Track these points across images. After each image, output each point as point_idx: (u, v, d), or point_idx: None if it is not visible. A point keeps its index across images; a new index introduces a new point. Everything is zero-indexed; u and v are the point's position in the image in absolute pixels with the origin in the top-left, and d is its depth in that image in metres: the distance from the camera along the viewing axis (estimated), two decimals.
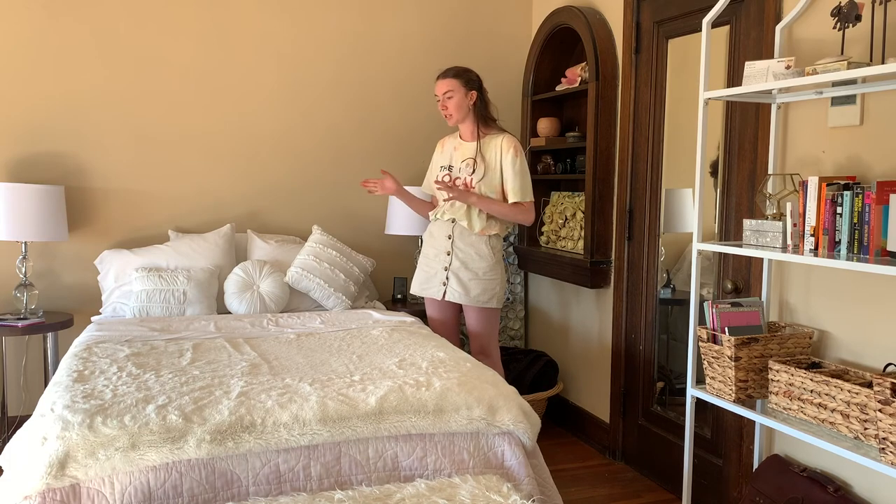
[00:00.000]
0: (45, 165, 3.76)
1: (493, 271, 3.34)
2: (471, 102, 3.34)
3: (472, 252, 3.33)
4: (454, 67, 3.38)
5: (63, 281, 3.82)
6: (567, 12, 3.93)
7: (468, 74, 3.36)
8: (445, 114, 3.37)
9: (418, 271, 3.51)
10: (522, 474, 2.37)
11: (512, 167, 3.28)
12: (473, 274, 3.32)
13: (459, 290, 3.34)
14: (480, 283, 3.33)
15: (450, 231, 3.37)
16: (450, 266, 3.35)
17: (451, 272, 3.35)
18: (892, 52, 2.19)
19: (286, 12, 4.10)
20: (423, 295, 3.48)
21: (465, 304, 3.37)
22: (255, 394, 2.36)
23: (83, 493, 2.01)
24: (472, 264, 3.33)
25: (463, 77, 3.34)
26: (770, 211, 2.51)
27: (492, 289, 3.35)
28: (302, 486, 2.19)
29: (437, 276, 3.40)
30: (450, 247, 3.36)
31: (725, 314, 2.55)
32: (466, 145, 3.40)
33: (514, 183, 3.29)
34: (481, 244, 3.33)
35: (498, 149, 3.32)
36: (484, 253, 3.33)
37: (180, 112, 3.97)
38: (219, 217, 4.06)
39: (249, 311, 3.63)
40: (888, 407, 2.00)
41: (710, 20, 2.64)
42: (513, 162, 3.28)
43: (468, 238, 3.34)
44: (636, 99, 3.51)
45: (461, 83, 3.32)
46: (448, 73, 3.36)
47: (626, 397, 3.62)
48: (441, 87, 3.35)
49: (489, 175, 3.31)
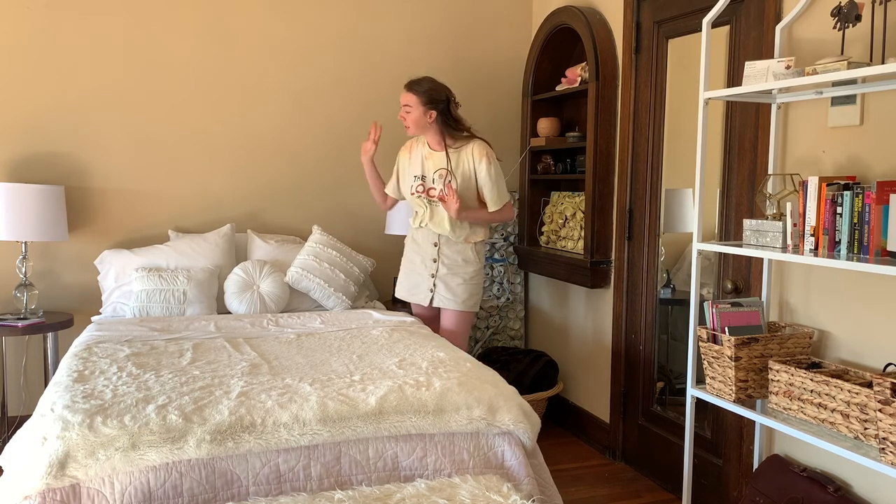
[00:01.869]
0: (45, 165, 3.76)
1: (478, 276, 3.45)
2: (429, 121, 3.33)
3: (458, 259, 3.41)
4: (423, 81, 3.34)
5: (63, 281, 3.82)
6: (567, 12, 3.93)
7: (432, 94, 3.31)
8: (404, 123, 3.38)
9: (403, 277, 3.56)
10: (522, 474, 2.37)
11: (487, 176, 3.31)
12: (461, 279, 3.40)
13: (447, 295, 3.41)
14: (467, 287, 3.42)
15: (436, 239, 3.41)
16: (437, 273, 3.41)
17: (438, 279, 3.41)
18: (892, 52, 2.19)
19: (286, 13, 4.10)
20: (409, 301, 3.56)
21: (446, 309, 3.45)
22: (255, 394, 2.36)
23: (83, 493, 2.01)
24: (460, 270, 3.40)
25: (425, 95, 3.30)
26: (770, 211, 2.51)
27: (477, 293, 3.47)
28: (302, 486, 2.19)
29: (424, 282, 3.46)
30: (436, 254, 3.42)
31: (725, 314, 2.55)
32: (437, 155, 3.38)
33: (491, 192, 3.34)
34: (468, 250, 3.41)
35: (470, 158, 3.34)
36: (470, 258, 3.41)
37: (180, 112, 3.97)
38: (219, 217, 4.06)
39: (249, 311, 3.63)
40: (888, 407, 2.00)
41: (710, 20, 2.64)
42: (487, 170, 3.31)
43: (455, 245, 3.40)
44: (636, 99, 3.51)
45: (421, 101, 3.30)
46: (412, 87, 3.33)
47: (626, 397, 3.62)
48: (402, 98, 3.36)
49: (464, 184, 3.34)
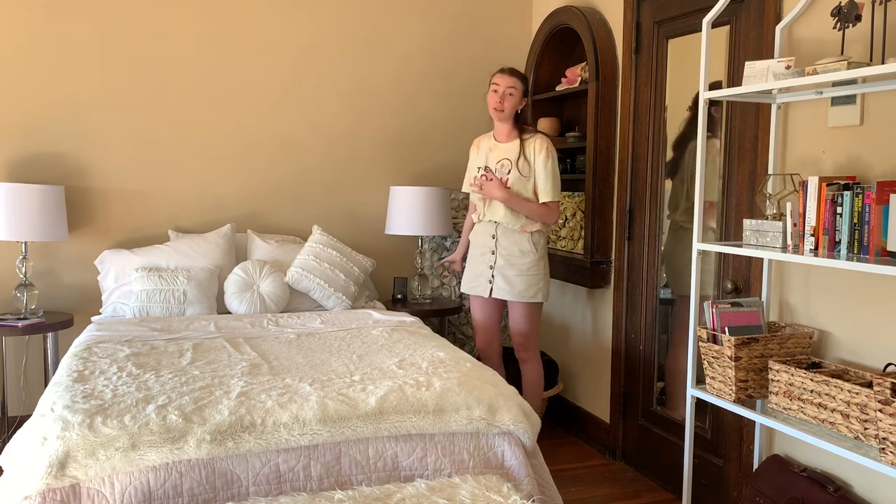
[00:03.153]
0: (45, 165, 3.76)
1: (536, 266, 3.38)
2: (521, 107, 3.42)
3: (515, 249, 3.37)
4: (517, 70, 3.45)
5: (63, 281, 3.82)
6: (567, 12, 3.93)
7: (527, 83, 3.46)
8: (500, 107, 3.38)
9: (467, 271, 3.57)
10: (522, 474, 2.37)
11: (544, 168, 3.33)
12: (518, 270, 3.36)
13: (505, 286, 3.38)
14: (525, 278, 3.36)
15: (493, 231, 3.42)
16: (494, 264, 3.40)
17: (496, 270, 3.40)
18: (892, 52, 2.19)
19: (287, 14, 4.10)
20: (471, 293, 3.54)
21: (511, 300, 3.41)
22: (255, 394, 2.36)
23: (83, 493, 2.01)
24: (516, 261, 3.37)
25: (525, 84, 3.43)
26: (770, 211, 2.51)
27: (536, 283, 3.38)
28: (302, 486, 2.19)
29: (483, 274, 3.45)
30: (494, 246, 3.41)
31: (725, 314, 2.55)
32: (501, 146, 3.44)
33: (545, 183, 3.33)
34: (524, 241, 3.37)
35: (532, 149, 3.36)
36: (527, 249, 3.36)
37: (181, 112, 3.97)
38: (219, 217, 4.06)
39: (249, 311, 3.63)
40: (888, 407, 2.00)
41: (710, 20, 2.64)
42: (544, 162, 3.33)
43: (512, 236, 3.38)
44: (636, 99, 3.51)
45: (523, 88, 3.41)
46: (516, 73, 3.41)
47: (626, 397, 3.62)
48: (507, 80, 3.38)
49: (525, 175, 3.35)
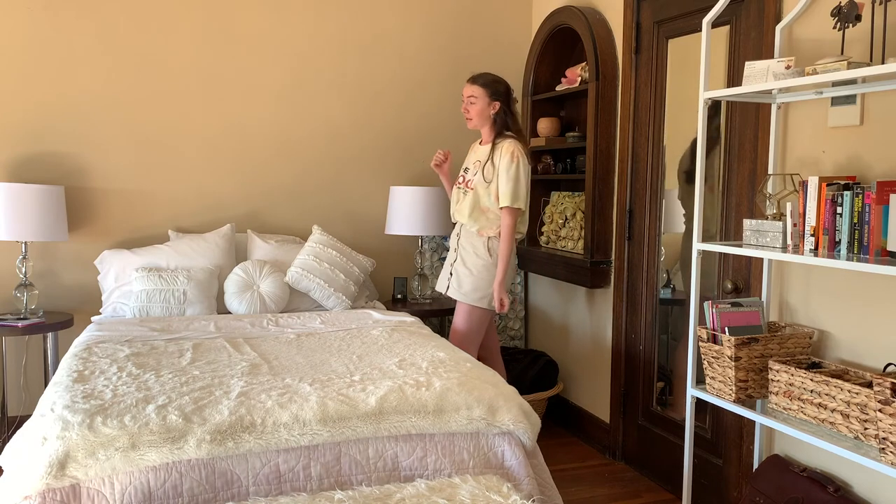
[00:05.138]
0: (45, 165, 3.76)
1: (487, 271, 3.33)
2: (493, 112, 3.39)
3: (470, 250, 3.40)
4: (485, 75, 3.43)
5: (63, 281, 3.82)
6: (567, 12, 3.92)
7: (496, 86, 3.40)
8: (466, 116, 3.44)
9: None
10: (522, 474, 2.37)
11: (506, 171, 3.28)
12: (468, 271, 3.37)
13: (455, 284, 3.42)
14: (472, 280, 3.35)
15: (458, 230, 3.48)
16: (454, 262, 3.45)
17: (454, 268, 3.45)
18: (892, 52, 2.19)
19: (287, 14, 4.10)
20: (439, 290, 3.58)
21: (458, 300, 3.42)
22: (255, 394, 2.36)
23: (83, 493, 2.01)
24: (469, 261, 3.39)
25: (490, 87, 3.38)
26: (770, 211, 2.51)
27: (483, 288, 3.33)
28: (302, 487, 2.19)
29: (446, 271, 3.53)
30: (457, 244, 3.47)
31: (725, 314, 2.55)
32: (480, 149, 3.48)
33: (503, 186, 3.29)
34: (479, 244, 3.37)
35: (499, 154, 3.34)
36: (481, 252, 3.36)
37: (181, 112, 3.97)
38: (219, 217, 4.05)
39: (249, 311, 3.63)
40: (888, 407, 2.00)
41: (710, 20, 2.64)
42: (507, 167, 3.28)
43: (470, 238, 3.41)
44: (636, 99, 3.51)
45: (486, 92, 3.37)
46: (476, 80, 3.40)
47: (626, 397, 3.62)
48: (466, 90, 3.42)
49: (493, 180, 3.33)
